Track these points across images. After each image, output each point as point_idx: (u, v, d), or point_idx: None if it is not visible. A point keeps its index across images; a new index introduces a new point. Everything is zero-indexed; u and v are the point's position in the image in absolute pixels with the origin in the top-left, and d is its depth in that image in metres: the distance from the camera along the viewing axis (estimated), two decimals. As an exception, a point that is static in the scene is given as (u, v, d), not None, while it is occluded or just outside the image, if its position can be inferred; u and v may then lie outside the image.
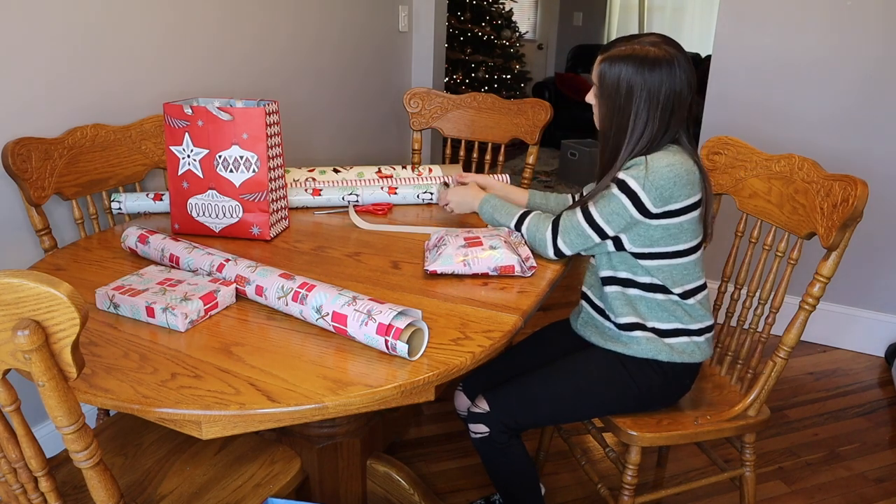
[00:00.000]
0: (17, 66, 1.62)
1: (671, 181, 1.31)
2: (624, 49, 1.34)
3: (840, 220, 1.29)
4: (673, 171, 1.31)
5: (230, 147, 1.53)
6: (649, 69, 1.31)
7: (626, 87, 1.33)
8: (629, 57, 1.33)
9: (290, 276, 1.20)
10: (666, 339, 1.41)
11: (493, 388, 1.45)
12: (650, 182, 1.31)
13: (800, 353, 2.70)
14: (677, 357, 1.42)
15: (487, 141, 2.32)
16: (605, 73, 1.36)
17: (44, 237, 1.60)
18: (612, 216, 1.35)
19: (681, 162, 1.33)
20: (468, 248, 1.37)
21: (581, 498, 1.89)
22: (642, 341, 1.41)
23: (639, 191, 1.32)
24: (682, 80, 1.33)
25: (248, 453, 1.32)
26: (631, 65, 1.32)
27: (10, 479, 0.93)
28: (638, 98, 1.33)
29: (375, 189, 1.81)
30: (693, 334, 1.43)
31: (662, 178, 1.31)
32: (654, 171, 1.31)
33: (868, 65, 2.46)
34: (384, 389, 0.99)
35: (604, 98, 1.38)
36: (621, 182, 1.34)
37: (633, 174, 1.33)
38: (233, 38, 2.26)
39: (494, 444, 1.42)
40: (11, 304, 0.75)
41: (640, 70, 1.32)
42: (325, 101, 2.82)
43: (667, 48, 1.33)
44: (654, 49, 1.32)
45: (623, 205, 1.34)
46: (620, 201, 1.34)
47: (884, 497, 1.92)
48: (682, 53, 1.34)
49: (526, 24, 6.97)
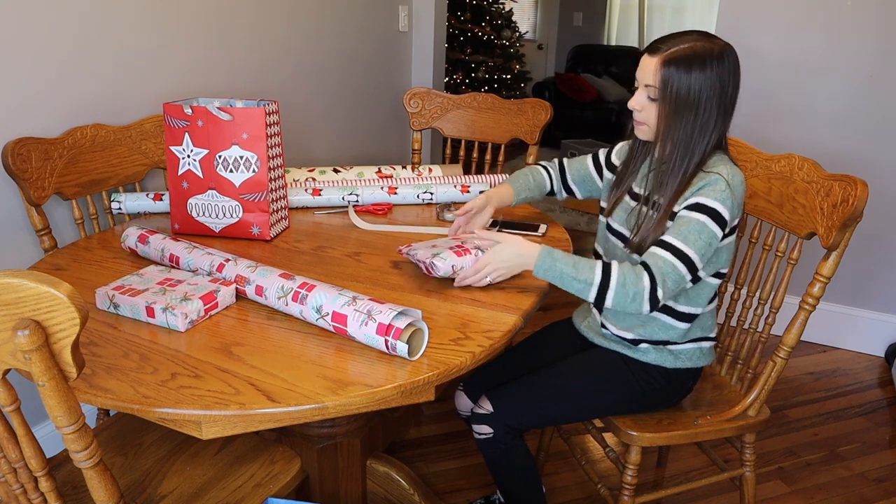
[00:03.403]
0: (18, 66, 1.62)
1: (743, 199, 1.28)
2: (684, 48, 1.23)
3: (840, 220, 1.29)
4: (744, 187, 1.27)
5: (230, 147, 1.53)
6: (717, 65, 1.23)
7: (697, 90, 1.23)
8: (694, 56, 1.22)
9: (290, 276, 1.20)
10: (673, 347, 1.42)
11: (496, 388, 1.44)
12: (733, 201, 1.24)
13: (800, 353, 2.70)
14: (682, 364, 1.42)
15: (487, 141, 2.32)
16: (670, 78, 1.23)
17: (44, 237, 1.60)
18: (705, 247, 1.23)
19: (742, 174, 1.28)
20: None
21: (581, 498, 1.89)
22: (650, 351, 1.41)
23: (724, 212, 1.23)
24: (738, 71, 1.26)
25: (248, 453, 1.32)
26: (698, 64, 1.22)
27: (10, 479, 0.93)
28: (709, 100, 1.24)
29: (375, 189, 1.81)
30: (701, 341, 1.43)
31: (741, 195, 1.26)
32: (735, 189, 1.24)
33: (868, 64, 2.46)
34: (384, 389, 0.99)
35: (670, 105, 1.25)
36: (707, 207, 1.23)
37: (719, 197, 1.22)
38: (233, 38, 2.26)
39: (498, 444, 1.41)
40: (11, 304, 0.75)
41: (707, 68, 1.22)
42: (325, 101, 2.82)
43: (717, 40, 1.25)
44: (709, 43, 1.24)
45: (713, 232, 1.23)
46: (710, 229, 1.23)
47: (884, 497, 1.92)
48: (728, 44, 1.27)
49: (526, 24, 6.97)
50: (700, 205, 1.24)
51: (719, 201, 1.23)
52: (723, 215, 1.24)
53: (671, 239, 1.24)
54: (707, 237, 1.23)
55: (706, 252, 1.24)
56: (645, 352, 1.41)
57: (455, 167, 1.99)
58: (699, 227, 1.23)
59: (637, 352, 1.42)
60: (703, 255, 1.24)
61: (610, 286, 1.21)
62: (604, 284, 1.22)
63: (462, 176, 1.88)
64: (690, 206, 1.25)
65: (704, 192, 1.24)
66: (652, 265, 1.22)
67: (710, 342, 1.46)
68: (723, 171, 1.26)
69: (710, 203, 1.23)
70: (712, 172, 1.26)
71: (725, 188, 1.23)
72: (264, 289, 1.20)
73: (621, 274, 1.22)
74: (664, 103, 1.26)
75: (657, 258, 1.23)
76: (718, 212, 1.23)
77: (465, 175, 1.88)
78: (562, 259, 1.24)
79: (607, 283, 1.22)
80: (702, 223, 1.23)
